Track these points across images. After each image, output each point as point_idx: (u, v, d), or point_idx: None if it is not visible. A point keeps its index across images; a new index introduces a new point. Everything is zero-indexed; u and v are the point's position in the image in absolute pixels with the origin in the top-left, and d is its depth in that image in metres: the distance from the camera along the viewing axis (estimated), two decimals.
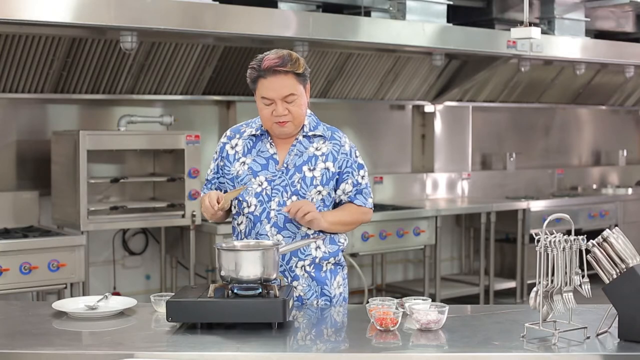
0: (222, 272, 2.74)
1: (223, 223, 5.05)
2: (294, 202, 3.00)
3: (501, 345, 2.48)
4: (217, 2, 5.21)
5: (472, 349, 2.47)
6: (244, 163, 3.09)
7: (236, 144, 3.13)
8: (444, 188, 7.75)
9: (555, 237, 2.51)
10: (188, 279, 5.81)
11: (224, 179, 3.14)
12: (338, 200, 3.16)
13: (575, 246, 2.53)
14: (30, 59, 5.24)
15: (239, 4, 5.33)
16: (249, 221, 3.07)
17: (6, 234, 5.13)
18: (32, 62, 5.26)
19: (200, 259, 5.81)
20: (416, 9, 6.16)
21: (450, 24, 6.39)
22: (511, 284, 7.46)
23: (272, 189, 3.05)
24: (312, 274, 3.08)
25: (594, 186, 8.92)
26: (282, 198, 3.04)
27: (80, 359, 2.44)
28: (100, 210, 5.41)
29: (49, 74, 5.38)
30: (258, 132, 3.11)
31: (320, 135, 3.12)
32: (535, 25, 6.17)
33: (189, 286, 2.98)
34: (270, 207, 3.04)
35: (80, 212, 5.20)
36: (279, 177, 3.06)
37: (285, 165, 3.07)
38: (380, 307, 2.68)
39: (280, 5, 5.67)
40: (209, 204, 2.95)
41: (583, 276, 2.57)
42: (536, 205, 7.44)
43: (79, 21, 4.72)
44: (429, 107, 7.60)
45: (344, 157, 3.11)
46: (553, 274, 2.52)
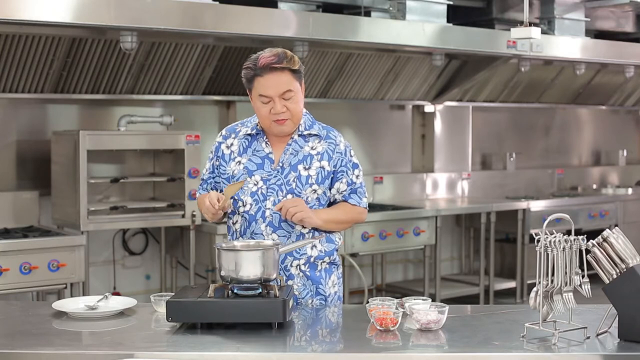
0: (222, 272, 2.74)
1: (223, 223, 5.04)
2: (284, 201, 3.00)
3: (501, 345, 2.48)
4: (217, 2, 5.21)
5: (472, 349, 2.47)
6: (240, 162, 3.09)
7: (232, 144, 3.14)
8: (444, 188, 7.74)
9: (555, 237, 2.51)
10: (188, 279, 5.81)
11: (220, 178, 3.14)
12: (333, 200, 3.16)
13: (575, 246, 2.53)
14: (30, 59, 5.24)
15: (239, 4, 5.33)
16: (244, 220, 3.07)
17: (6, 234, 5.13)
18: (32, 62, 5.26)
19: (200, 259, 5.81)
20: (416, 9, 6.16)
21: (450, 24, 6.38)
22: (511, 284, 7.46)
23: (267, 188, 3.05)
24: (307, 273, 3.08)
25: (594, 186, 8.92)
26: (278, 197, 3.04)
27: (80, 359, 2.44)
28: (100, 210, 5.41)
29: (49, 74, 5.38)
30: (253, 132, 3.12)
31: (315, 135, 3.12)
32: (535, 25, 6.17)
33: (189, 286, 2.98)
34: (265, 206, 3.04)
35: (80, 212, 5.20)
36: (275, 176, 3.06)
37: (281, 164, 3.07)
38: (380, 307, 2.68)
39: (280, 5, 5.67)
40: (209, 204, 2.95)
41: (583, 276, 2.57)
42: (536, 205, 7.44)
43: (79, 21, 4.73)
44: (429, 107, 7.60)
45: (339, 156, 3.11)
46: (553, 274, 2.52)
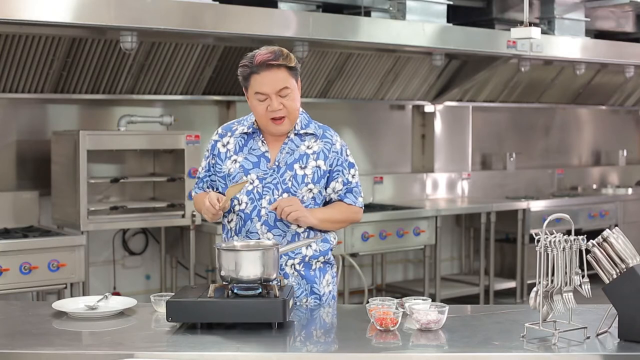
0: (222, 272, 2.73)
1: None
2: (279, 200, 3.00)
3: (501, 345, 2.48)
4: (217, 2, 5.21)
5: (472, 349, 2.47)
6: (236, 161, 3.09)
7: (228, 142, 3.13)
8: (444, 188, 7.74)
9: (555, 237, 2.51)
10: (188, 279, 5.80)
11: (216, 177, 3.14)
12: (328, 199, 3.15)
13: (575, 246, 2.53)
14: (30, 59, 5.24)
15: (239, 4, 5.33)
16: (240, 219, 3.07)
17: (6, 234, 5.13)
18: (32, 62, 5.26)
19: (200, 259, 5.80)
20: (416, 9, 6.16)
21: (450, 24, 6.38)
22: (511, 284, 7.46)
23: (263, 187, 3.05)
24: (301, 272, 3.08)
25: (594, 186, 8.92)
26: (273, 196, 3.03)
27: (80, 359, 2.44)
28: (100, 210, 5.41)
29: (49, 74, 5.38)
30: (250, 130, 3.11)
31: (311, 134, 3.12)
32: (535, 25, 6.16)
33: (189, 286, 2.98)
34: (261, 205, 3.04)
35: (80, 212, 5.20)
36: (271, 175, 3.05)
37: (277, 163, 3.07)
38: (380, 307, 2.67)
39: (280, 5, 5.67)
40: (209, 205, 2.95)
41: (583, 276, 2.57)
42: (536, 205, 7.44)
43: (79, 21, 4.73)
44: (429, 107, 7.60)
45: (335, 156, 3.11)
46: (553, 274, 2.52)
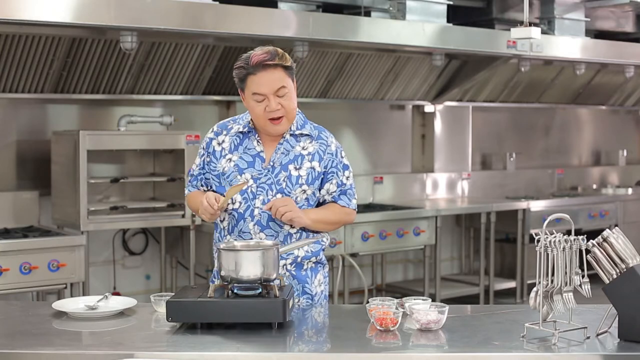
0: (222, 272, 2.73)
1: None
2: (274, 200, 3.00)
3: (501, 345, 2.48)
4: (217, 2, 5.21)
5: (472, 349, 2.47)
6: (230, 160, 3.09)
7: (223, 140, 3.12)
8: (444, 188, 7.74)
9: (555, 237, 2.51)
10: (188, 279, 5.81)
11: (210, 175, 3.13)
12: (322, 200, 3.15)
13: (575, 246, 2.53)
14: (30, 59, 5.24)
15: (239, 4, 5.33)
16: (232, 218, 3.07)
17: (6, 234, 5.13)
18: (32, 62, 5.26)
19: (200, 259, 5.80)
20: (416, 9, 6.16)
21: (450, 24, 6.38)
22: (511, 284, 7.46)
23: (257, 187, 3.04)
24: (292, 272, 3.08)
25: (594, 186, 8.92)
26: (267, 196, 3.03)
27: (80, 359, 2.44)
28: (100, 210, 5.41)
29: (49, 74, 5.38)
30: (245, 129, 3.11)
31: (307, 135, 3.11)
32: (535, 25, 6.17)
33: (189, 286, 2.98)
34: (254, 204, 3.03)
35: (80, 212, 5.20)
36: (265, 175, 3.05)
37: (272, 163, 3.06)
38: (380, 307, 2.67)
39: (280, 5, 5.67)
40: (207, 205, 2.95)
41: (583, 276, 2.57)
42: (536, 205, 7.44)
43: (79, 21, 4.73)
44: (429, 107, 7.60)
45: (330, 157, 3.11)
46: (553, 274, 2.52)
